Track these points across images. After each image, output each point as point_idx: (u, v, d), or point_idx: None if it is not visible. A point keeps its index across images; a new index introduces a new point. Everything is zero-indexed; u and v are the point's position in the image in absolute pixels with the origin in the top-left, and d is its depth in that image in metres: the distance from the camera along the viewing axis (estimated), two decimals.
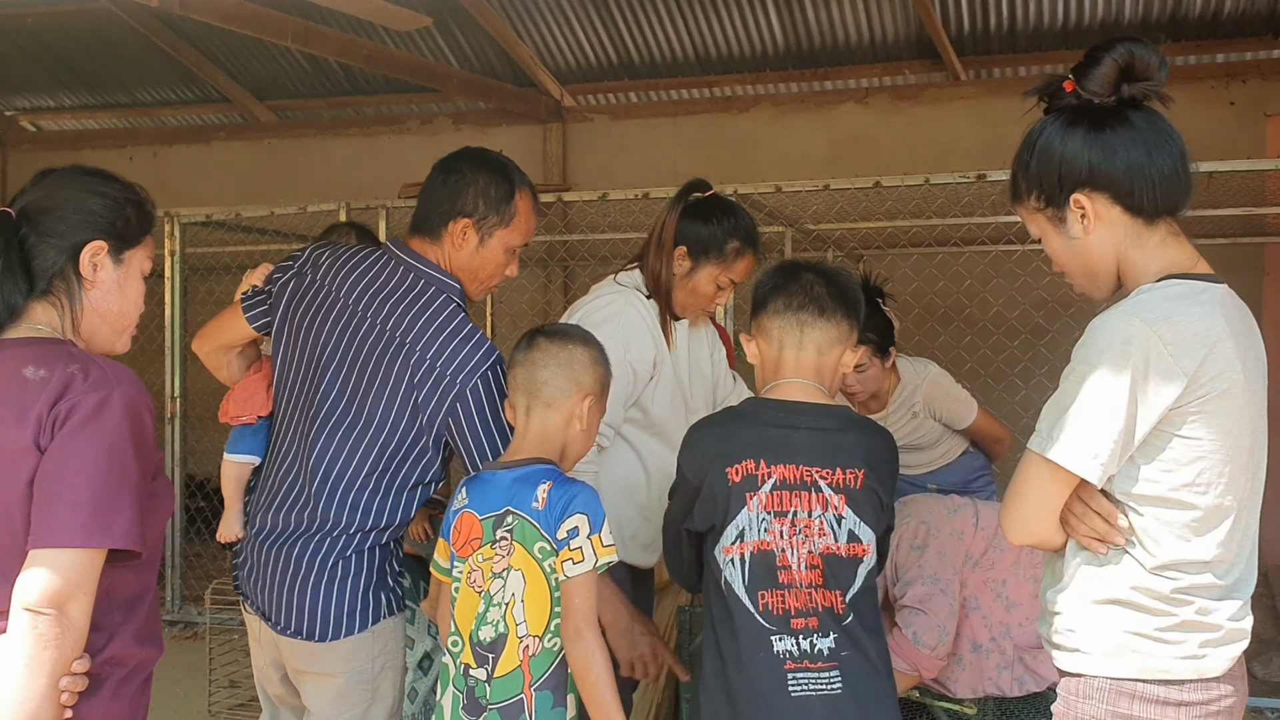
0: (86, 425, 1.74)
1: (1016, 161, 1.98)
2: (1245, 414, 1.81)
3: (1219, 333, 1.78)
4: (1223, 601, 1.83)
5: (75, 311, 1.91)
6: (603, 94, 8.57)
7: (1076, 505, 1.86)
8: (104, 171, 2.00)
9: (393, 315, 2.49)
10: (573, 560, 2.24)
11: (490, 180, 2.55)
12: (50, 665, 1.68)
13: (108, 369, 1.81)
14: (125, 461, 1.76)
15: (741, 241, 2.84)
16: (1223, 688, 1.82)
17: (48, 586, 1.68)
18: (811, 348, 2.28)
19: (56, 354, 1.82)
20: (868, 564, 2.20)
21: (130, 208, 1.98)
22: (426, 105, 9.01)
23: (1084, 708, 1.85)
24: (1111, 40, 1.89)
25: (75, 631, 1.70)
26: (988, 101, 7.57)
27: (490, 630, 2.31)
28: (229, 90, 9.06)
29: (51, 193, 1.93)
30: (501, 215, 2.55)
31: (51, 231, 1.89)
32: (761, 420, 2.25)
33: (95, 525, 1.71)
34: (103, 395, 1.76)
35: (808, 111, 8.10)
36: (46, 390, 1.76)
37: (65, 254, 1.90)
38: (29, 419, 1.74)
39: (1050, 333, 6.21)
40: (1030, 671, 3.02)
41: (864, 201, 5.66)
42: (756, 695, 2.13)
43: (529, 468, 2.35)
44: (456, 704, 2.33)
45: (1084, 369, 1.80)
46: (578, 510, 2.25)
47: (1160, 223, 1.89)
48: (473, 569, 2.34)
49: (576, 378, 2.38)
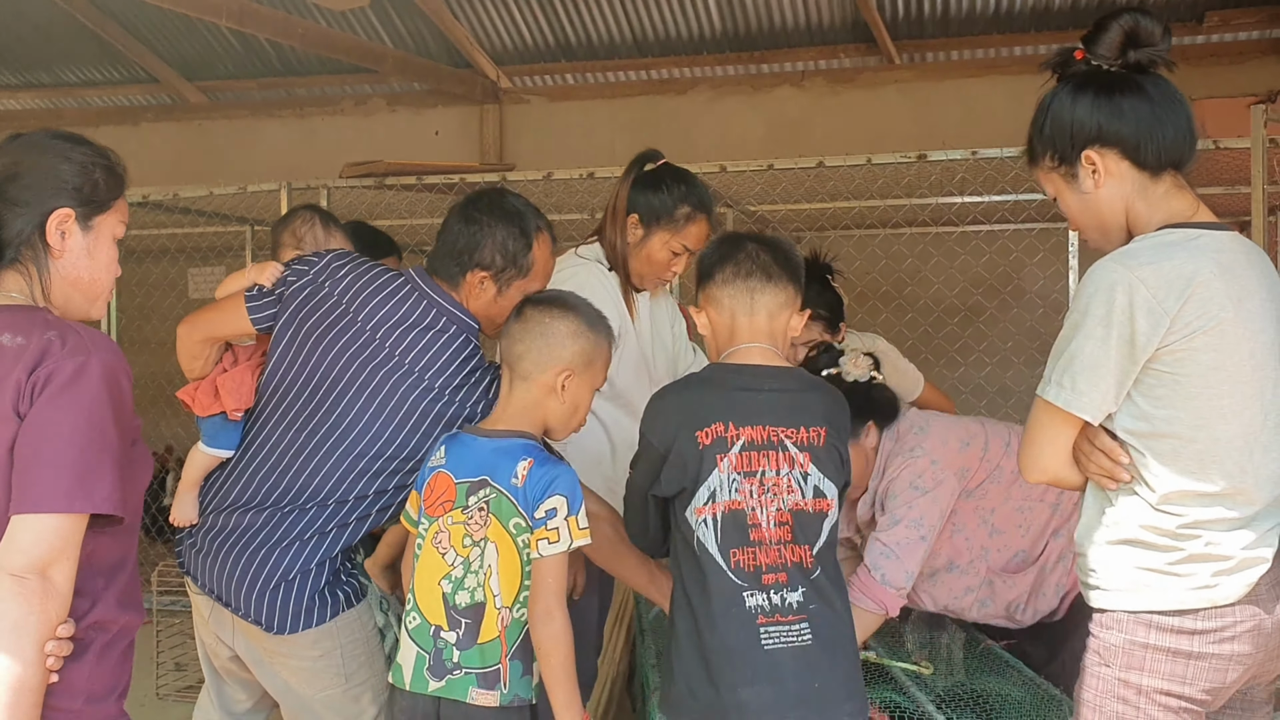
0: (65, 391, 1.74)
1: (1031, 127, 2.13)
2: (1241, 350, 1.92)
3: (1205, 275, 1.90)
4: (1235, 532, 1.94)
5: (45, 280, 1.89)
6: (540, 75, 8.55)
7: (1084, 444, 2.00)
8: (73, 135, 1.96)
9: (413, 349, 2.50)
10: (549, 540, 2.26)
11: (508, 234, 2.56)
12: (35, 630, 1.68)
13: (85, 335, 1.80)
14: (105, 427, 1.76)
15: (692, 207, 2.89)
16: (1239, 612, 1.93)
17: (31, 552, 1.69)
18: (762, 313, 2.35)
19: (33, 320, 1.81)
20: (831, 518, 2.30)
21: (99, 172, 1.94)
22: (361, 86, 8.92)
23: (1107, 637, 2.00)
24: (1117, 9, 2.04)
25: (59, 596, 1.71)
26: (922, 85, 7.70)
27: (467, 596, 2.33)
28: (157, 70, 8.87)
29: (18, 159, 1.90)
30: (519, 267, 2.58)
31: (18, 200, 1.87)
32: (727, 384, 2.32)
33: (78, 490, 1.71)
34: (81, 361, 1.75)
35: (744, 94, 8.16)
36: (24, 357, 1.75)
37: (33, 222, 1.88)
38: (7, 386, 1.74)
39: (989, 310, 6.35)
40: (993, 595, 3.10)
41: (807, 182, 5.73)
42: (730, 650, 2.20)
43: (509, 440, 2.36)
44: (421, 664, 2.34)
45: (1076, 316, 1.95)
46: (558, 491, 2.28)
47: (1165, 175, 2.03)
48: (440, 530, 2.35)
49: (553, 352, 2.38)
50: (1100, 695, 1.99)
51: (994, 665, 3.00)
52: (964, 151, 4.79)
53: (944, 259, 6.62)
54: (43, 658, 1.70)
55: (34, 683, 1.68)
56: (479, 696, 2.29)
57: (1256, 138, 4.28)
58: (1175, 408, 1.92)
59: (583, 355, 2.41)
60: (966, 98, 7.47)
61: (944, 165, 5.15)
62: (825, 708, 2.20)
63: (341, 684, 2.50)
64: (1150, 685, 1.94)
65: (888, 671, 3.01)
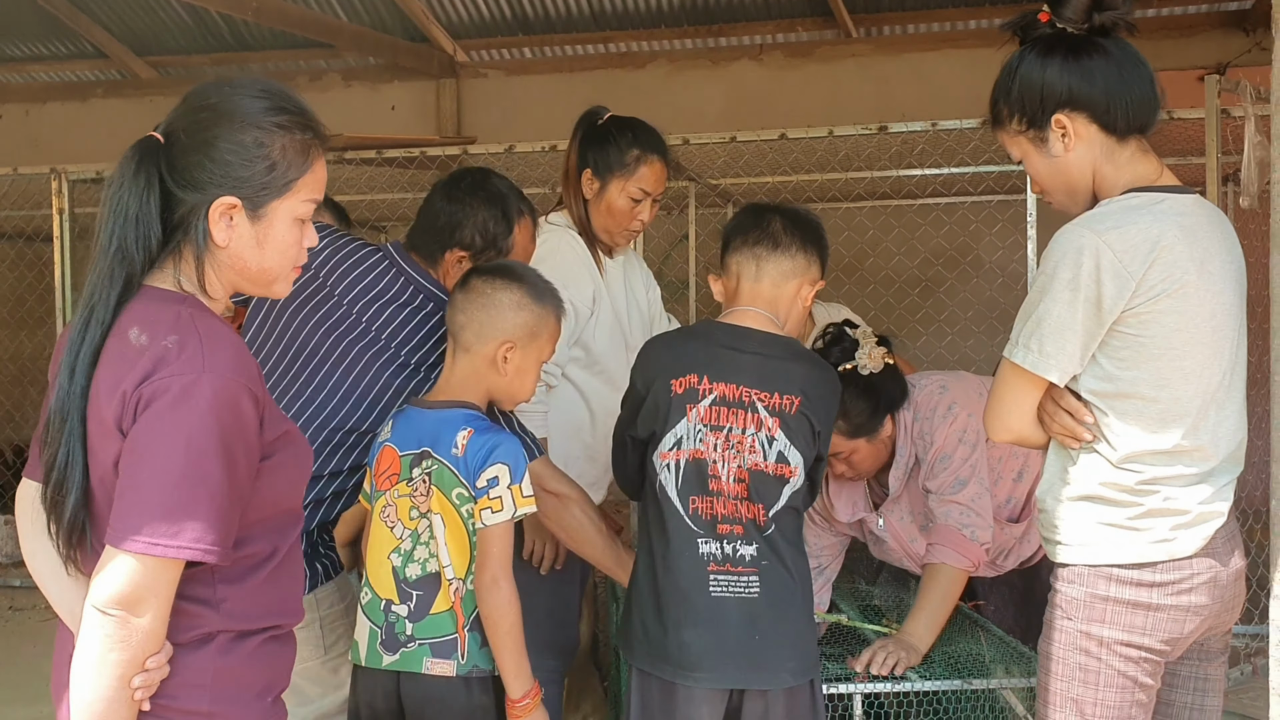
0: (166, 414, 1.56)
1: (997, 89, 2.13)
2: (1202, 312, 1.97)
3: (1169, 239, 1.94)
4: (1192, 488, 2.00)
5: (201, 272, 1.69)
6: (497, 49, 8.49)
7: (1048, 404, 2.04)
8: (266, 92, 1.71)
9: (389, 324, 2.50)
10: (491, 509, 2.27)
11: (490, 215, 2.56)
12: (116, 667, 1.56)
13: (206, 347, 1.61)
14: (205, 459, 1.57)
15: (642, 149, 2.91)
16: (1196, 565, 2.00)
17: (114, 588, 1.55)
18: (767, 280, 2.41)
19: (164, 317, 1.63)
20: (794, 485, 2.35)
21: (279, 150, 1.68)
22: (315, 62, 8.80)
23: (1068, 591, 2.05)
24: None
25: (145, 634, 1.57)
26: (880, 59, 7.73)
27: (418, 568, 2.33)
28: (106, 45, 8.70)
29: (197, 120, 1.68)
30: (500, 250, 2.58)
31: (185, 179, 1.66)
32: (711, 340, 2.39)
33: (161, 532, 1.55)
34: (189, 381, 1.57)
35: (703, 68, 8.16)
36: (140, 364, 1.59)
37: (195, 211, 1.66)
38: (116, 395, 1.59)
39: (949, 280, 6.43)
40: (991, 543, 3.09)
41: (769, 155, 5.76)
42: (679, 591, 2.29)
43: (450, 410, 2.35)
44: (374, 638, 2.35)
45: (1043, 279, 1.98)
46: (499, 460, 2.27)
47: (1131, 139, 2.06)
48: (387, 504, 2.36)
49: (494, 323, 2.35)
50: (1063, 648, 2.05)
51: (962, 625, 3.07)
52: (924, 124, 4.85)
53: (905, 231, 6.69)
54: (127, 692, 1.58)
55: (119, 716, 1.57)
56: (434, 666, 2.30)
57: (1210, 108, 4.36)
58: (1139, 368, 1.97)
59: (526, 327, 2.38)
60: (924, 71, 7.52)
61: (904, 138, 5.20)
62: (764, 661, 2.28)
63: (320, 655, 2.50)
64: (1111, 637, 2.00)
65: (859, 633, 3.06)
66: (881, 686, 2.68)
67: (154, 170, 1.65)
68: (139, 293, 1.67)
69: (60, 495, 1.63)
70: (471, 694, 2.31)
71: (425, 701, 2.30)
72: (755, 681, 2.28)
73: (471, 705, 2.31)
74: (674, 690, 2.28)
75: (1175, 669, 2.13)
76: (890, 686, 2.68)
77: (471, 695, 2.31)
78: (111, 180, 1.67)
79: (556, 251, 2.83)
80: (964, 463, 2.92)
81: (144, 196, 1.64)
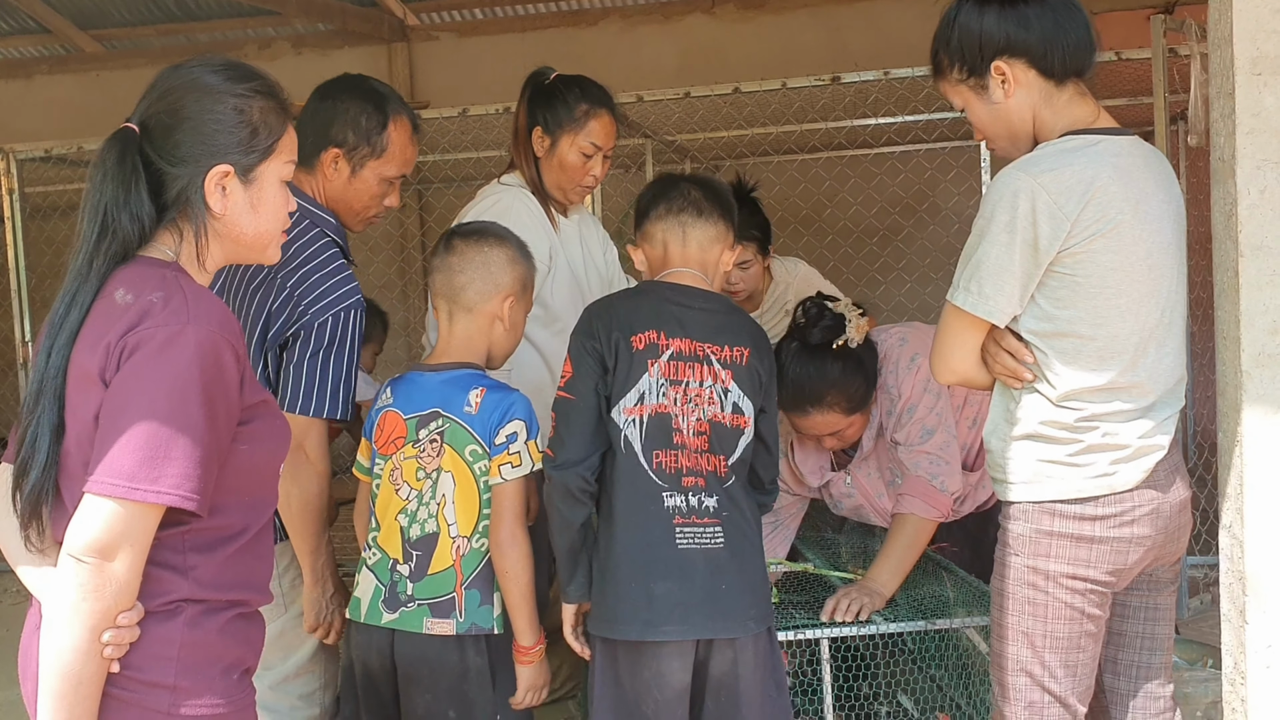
0: (149, 362, 1.58)
1: (936, 40, 2.17)
2: (1138, 251, 2.02)
3: (1104, 179, 1.98)
4: (1132, 423, 2.06)
5: (200, 242, 1.73)
6: (448, 11, 8.40)
7: (990, 345, 2.10)
8: (231, 66, 1.77)
9: None
10: (511, 464, 2.35)
11: (362, 109, 2.53)
12: (89, 616, 1.55)
13: (190, 301, 1.64)
14: (187, 407, 1.58)
15: (590, 104, 2.93)
16: (1137, 497, 2.06)
17: (90, 535, 1.55)
18: (694, 245, 2.48)
19: (149, 277, 1.66)
20: (747, 435, 2.42)
21: (258, 113, 1.74)
22: (263, 29, 8.68)
23: (1015, 528, 2.12)
24: None
25: (118, 583, 1.57)
26: (832, 8, 7.72)
27: (419, 528, 2.37)
28: (47, 20, 8.53)
29: (175, 104, 1.72)
30: (373, 146, 2.55)
31: (174, 156, 1.70)
32: (660, 298, 2.44)
33: (141, 476, 1.55)
34: (174, 330, 1.59)
35: (656, 23, 8.12)
36: (125, 318, 1.61)
37: (190, 184, 1.70)
38: (99, 347, 1.62)
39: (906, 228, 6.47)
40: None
41: (724, 109, 5.76)
42: (646, 545, 2.34)
43: (457, 371, 2.42)
44: (377, 595, 2.39)
45: (982, 223, 2.03)
46: (516, 416, 2.37)
47: (1069, 83, 2.10)
48: (395, 467, 2.40)
49: (495, 279, 2.44)
50: (1012, 583, 2.11)
51: (926, 568, 3.13)
52: (876, 72, 4.85)
53: (860, 180, 6.72)
54: (97, 646, 1.57)
55: (87, 672, 1.56)
56: (434, 626, 2.35)
57: (1157, 48, 4.40)
58: (1076, 307, 2.02)
59: (520, 280, 2.50)
60: (876, 19, 7.51)
61: (857, 87, 5.21)
62: (730, 610, 2.33)
63: (280, 612, 2.52)
64: (1056, 570, 2.06)
65: (825, 580, 3.12)
66: (846, 630, 2.74)
67: (137, 156, 1.70)
68: (135, 260, 1.70)
69: (24, 471, 1.66)
70: (465, 654, 2.36)
71: (418, 661, 2.35)
72: (723, 630, 2.33)
73: (464, 665, 2.36)
74: (641, 650, 2.32)
75: (1125, 599, 2.20)
76: (855, 630, 2.74)
77: (465, 655, 2.36)
78: (92, 174, 1.72)
79: (510, 210, 2.84)
80: (930, 411, 2.97)
81: (131, 181, 1.69)
